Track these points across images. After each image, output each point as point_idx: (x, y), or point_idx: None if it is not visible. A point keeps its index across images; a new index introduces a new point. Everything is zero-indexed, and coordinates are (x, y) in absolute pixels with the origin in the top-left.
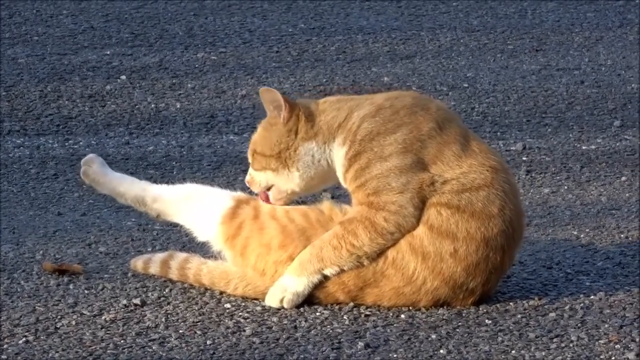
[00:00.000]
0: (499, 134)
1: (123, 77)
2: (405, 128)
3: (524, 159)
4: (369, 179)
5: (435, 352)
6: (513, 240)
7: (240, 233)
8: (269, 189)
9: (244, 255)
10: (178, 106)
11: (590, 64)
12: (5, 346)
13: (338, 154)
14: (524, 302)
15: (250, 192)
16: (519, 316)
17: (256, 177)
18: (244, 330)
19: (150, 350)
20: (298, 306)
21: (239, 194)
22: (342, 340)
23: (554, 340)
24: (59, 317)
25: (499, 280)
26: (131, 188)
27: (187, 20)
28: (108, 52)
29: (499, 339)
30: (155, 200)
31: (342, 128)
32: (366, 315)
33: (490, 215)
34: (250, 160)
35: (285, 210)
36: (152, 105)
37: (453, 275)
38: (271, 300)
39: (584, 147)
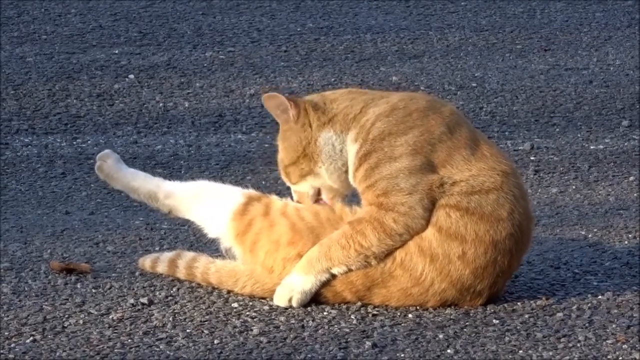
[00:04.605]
0: (507, 133)
1: (131, 76)
2: (417, 130)
3: (532, 158)
4: (378, 179)
5: (443, 352)
6: (521, 244)
7: (250, 229)
8: (319, 195)
9: (254, 251)
10: (186, 105)
11: (598, 63)
12: (12, 345)
13: (351, 150)
14: (532, 302)
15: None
16: (527, 316)
17: (301, 190)
18: (252, 330)
19: (158, 349)
20: (305, 305)
21: (250, 191)
22: (349, 339)
23: (562, 340)
24: (66, 316)
25: (505, 284)
26: (145, 184)
27: (196, 20)
28: (116, 51)
29: (507, 338)
30: (168, 197)
31: (356, 121)
32: (373, 315)
33: (499, 218)
34: (286, 179)
35: (296, 208)
36: (160, 104)
37: (461, 278)
38: (279, 300)
39: (592, 147)
